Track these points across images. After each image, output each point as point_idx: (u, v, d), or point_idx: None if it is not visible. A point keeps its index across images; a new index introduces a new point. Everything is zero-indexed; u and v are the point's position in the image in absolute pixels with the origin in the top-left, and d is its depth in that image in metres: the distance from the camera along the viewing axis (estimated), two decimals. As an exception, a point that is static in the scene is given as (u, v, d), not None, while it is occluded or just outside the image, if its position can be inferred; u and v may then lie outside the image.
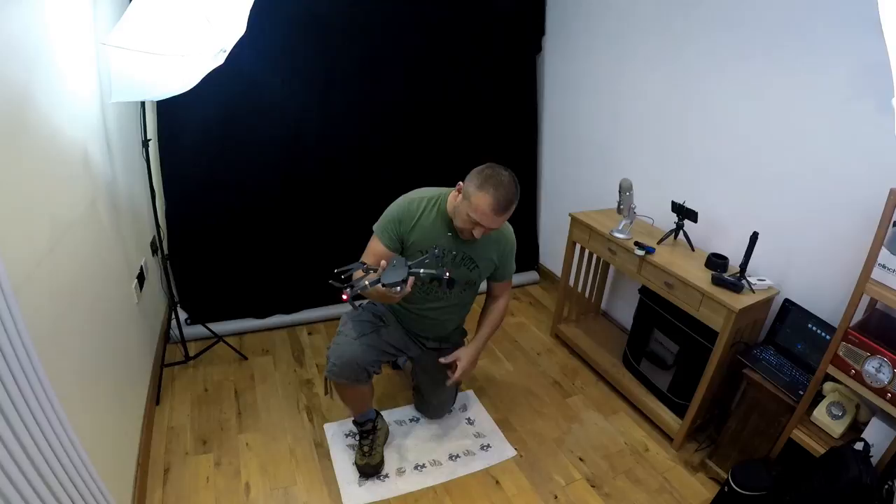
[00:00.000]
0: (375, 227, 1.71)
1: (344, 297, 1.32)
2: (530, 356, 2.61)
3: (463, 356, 1.85)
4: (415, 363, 2.05)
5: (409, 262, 1.41)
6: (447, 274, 1.39)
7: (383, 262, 1.41)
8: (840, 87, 1.65)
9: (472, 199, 1.50)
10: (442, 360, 1.85)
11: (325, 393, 2.08)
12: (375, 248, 1.68)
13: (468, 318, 2.03)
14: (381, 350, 1.79)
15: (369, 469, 1.82)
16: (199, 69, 1.57)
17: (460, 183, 1.58)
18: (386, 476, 1.84)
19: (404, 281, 1.35)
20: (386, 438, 1.96)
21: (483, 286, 1.94)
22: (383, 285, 1.34)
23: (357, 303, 1.36)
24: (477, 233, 1.56)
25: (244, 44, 1.63)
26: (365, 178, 2.68)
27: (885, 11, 0.99)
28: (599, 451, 2.04)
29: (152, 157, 2.09)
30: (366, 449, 1.85)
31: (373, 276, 1.38)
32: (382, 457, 1.88)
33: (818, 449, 1.55)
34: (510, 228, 1.82)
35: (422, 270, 1.39)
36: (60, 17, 1.41)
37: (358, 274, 1.50)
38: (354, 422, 1.90)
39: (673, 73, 2.26)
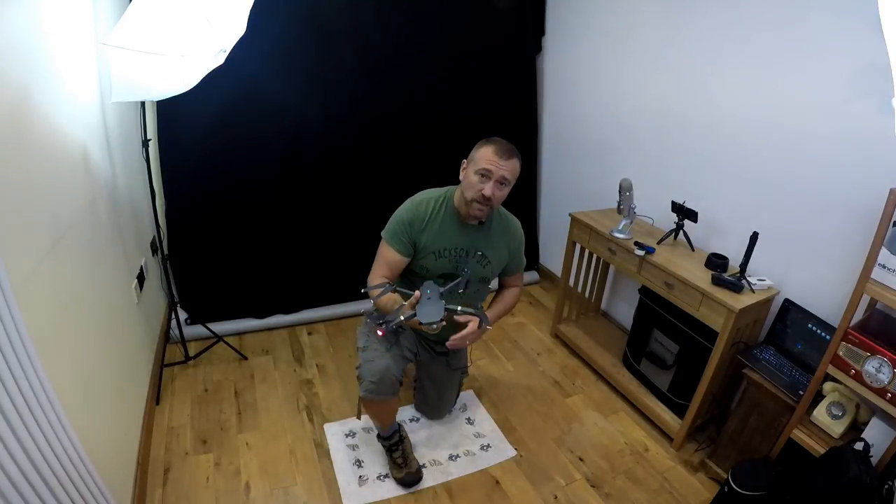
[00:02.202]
0: (385, 233, 1.65)
1: (380, 332, 1.33)
2: (530, 356, 2.61)
3: (472, 326, 1.74)
4: (420, 366, 2.04)
5: (441, 290, 1.39)
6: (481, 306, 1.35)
7: (417, 293, 1.37)
8: (840, 87, 1.65)
9: (475, 157, 1.54)
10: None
11: (358, 417, 1.92)
12: (389, 257, 1.63)
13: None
14: (404, 357, 1.75)
15: (411, 478, 1.80)
16: (199, 69, 1.57)
17: (464, 161, 1.60)
18: (386, 476, 1.84)
19: (442, 319, 1.32)
20: (410, 444, 1.93)
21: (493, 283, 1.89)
22: (420, 323, 1.32)
23: (387, 327, 1.36)
24: (487, 190, 1.51)
25: (244, 44, 1.63)
26: (365, 177, 2.68)
27: (885, 11, 0.99)
28: (599, 451, 2.04)
29: (152, 157, 2.09)
30: (399, 461, 1.82)
31: (407, 310, 1.35)
32: (418, 462, 1.87)
33: (818, 449, 1.55)
34: (517, 223, 1.80)
35: (459, 308, 1.39)
36: (60, 17, 1.41)
37: (388, 299, 1.45)
38: (381, 437, 1.85)
39: (673, 73, 2.26)
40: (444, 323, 1.34)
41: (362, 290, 1.45)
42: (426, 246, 1.64)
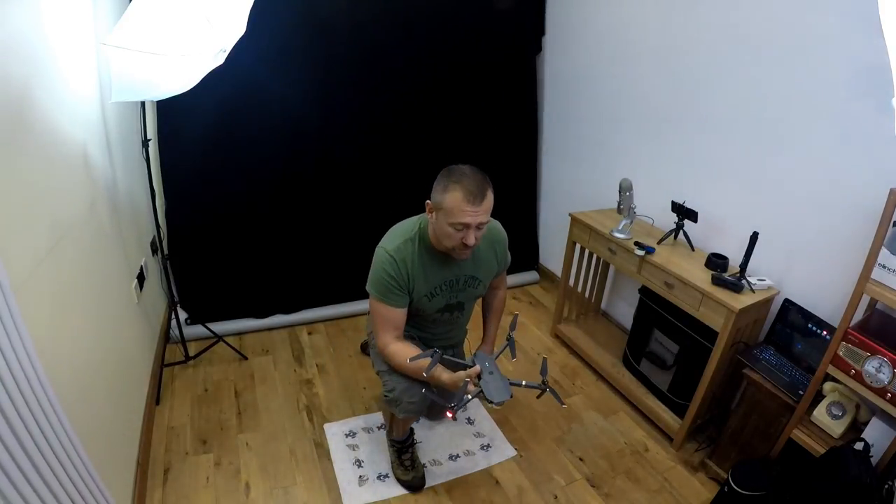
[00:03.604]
0: (373, 291, 1.54)
1: (450, 415, 1.38)
2: (530, 356, 2.61)
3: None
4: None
5: (493, 357, 1.43)
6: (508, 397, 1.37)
7: (477, 367, 1.37)
8: (840, 87, 1.65)
9: (444, 205, 1.38)
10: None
11: (389, 434, 1.95)
12: (392, 316, 1.54)
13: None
14: None
15: (418, 482, 1.80)
16: (199, 69, 1.57)
17: (428, 202, 1.46)
18: (386, 476, 1.84)
19: (511, 395, 1.36)
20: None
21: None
22: (490, 402, 1.34)
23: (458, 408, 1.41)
24: (470, 239, 1.40)
25: (244, 44, 1.63)
26: (364, 177, 2.68)
27: (885, 11, 0.99)
28: (599, 451, 2.04)
29: (152, 157, 2.09)
30: (408, 464, 1.82)
31: (473, 388, 1.37)
32: (422, 466, 1.88)
33: (818, 449, 1.55)
34: (497, 226, 1.72)
35: (523, 382, 1.43)
36: (60, 17, 1.41)
37: (441, 374, 1.45)
38: (395, 440, 1.85)
39: (673, 72, 2.26)
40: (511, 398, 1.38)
41: (409, 360, 1.41)
42: (418, 291, 1.57)
